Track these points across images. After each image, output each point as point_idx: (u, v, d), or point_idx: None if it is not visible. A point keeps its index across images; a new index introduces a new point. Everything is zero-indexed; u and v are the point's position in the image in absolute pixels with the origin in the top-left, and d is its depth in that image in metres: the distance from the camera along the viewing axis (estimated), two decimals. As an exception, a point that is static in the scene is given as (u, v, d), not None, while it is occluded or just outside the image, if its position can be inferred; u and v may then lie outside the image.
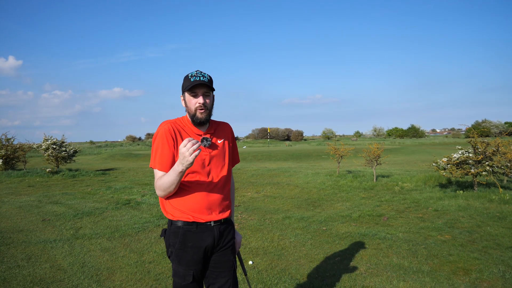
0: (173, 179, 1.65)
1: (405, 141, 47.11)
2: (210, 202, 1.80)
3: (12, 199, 8.05)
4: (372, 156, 9.23)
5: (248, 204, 7.13)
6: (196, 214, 1.77)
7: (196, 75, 1.77)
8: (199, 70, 1.81)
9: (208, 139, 1.78)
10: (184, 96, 1.82)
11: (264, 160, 20.09)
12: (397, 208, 6.33)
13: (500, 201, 6.20)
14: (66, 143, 14.21)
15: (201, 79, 1.75)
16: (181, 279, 1.79)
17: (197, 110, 1.77)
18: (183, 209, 1.77)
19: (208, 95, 1.80)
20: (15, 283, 3.34)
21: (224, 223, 1.87)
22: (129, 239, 4.72)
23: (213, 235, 1.81)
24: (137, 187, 9.58)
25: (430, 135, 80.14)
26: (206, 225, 1.79)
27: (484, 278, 3.26)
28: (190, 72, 1.80)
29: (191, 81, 1.75)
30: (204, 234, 1.79)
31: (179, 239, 1.78)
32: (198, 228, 1.78)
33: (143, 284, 3.30)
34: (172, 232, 1.80)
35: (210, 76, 1.82)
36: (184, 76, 1.82)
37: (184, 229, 1.78)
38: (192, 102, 1.78)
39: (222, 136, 1.91)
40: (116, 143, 67.87)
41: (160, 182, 1.70)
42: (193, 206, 1.77)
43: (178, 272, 1.80)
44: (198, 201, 1.77)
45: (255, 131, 77.83)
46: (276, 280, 3.32)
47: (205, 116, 1.79)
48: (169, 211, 1.81)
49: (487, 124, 57.66)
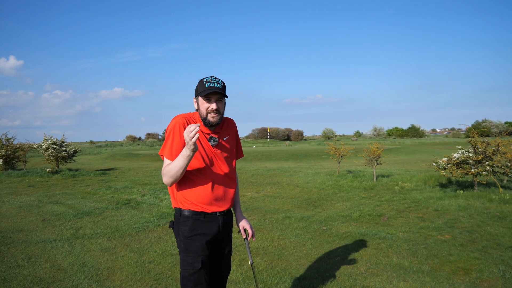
0: (181, 164, 1.74)
1: (405, 141, 47.13)
2: (217, 194, 1.93)
3: (12, 199, 8.05)
4: (372, 156, 9.23)
5: (248, 204, 7.13)
6: (204, 205, 1.90)
7: (211, 82, 1.85)
8: (213, 76, 1.89)
9: (215, 139, 1.91)
10: (198, 100, 1.90)
11: (264, 160, 20.09)
12: (397, 208, 6.33)
13: (500, 200, 6.20)
14: (66, 143, 14.22)
15: (215, 86, 1.84)
16: (189, 266, 1.86)
17: (208, 114, 1.86)
18: (192, 200, 1.89)
19: (220, 101, 1.89)
20: (15, 283, 3.34)
21: (227, 213, 2.02)
22: (129, 239, 4.72)
23: (218, 224, 1.95)
24: (137, 187, 9.58)
25: (430, 135, 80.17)
26: (212, 215, 1.93)
27: (484, 278, 3.26)
28: (205, 77, 1.88)
29: (206, 87, 1.84)
30: (210, 223, 1.93)
31: (188, 227, 1.90)
32: (205, 218, 1.91)
33: (143, 284, 3.30)
34: (182, 221, 1.92)
35: (224, 82, 1.90)
36: (199, 80, 1.90)
37: (194, 218, 1.90)
38: (204, 106, 1.86)
39: (227, 133, 2.03)
40: (116, 143, 67.91)
41: (168, 168, 1.79)
42: (201, 198, 1.89)
43: (186, 261, 1.88)
44: (206, 193, 1.90)
45: (255, 131, 77.86)
46: (276, 280, 3.33)
47: (217, 120, 1.88)
48: (179, 201, 1.93)
49: (487, 124, 57.68)
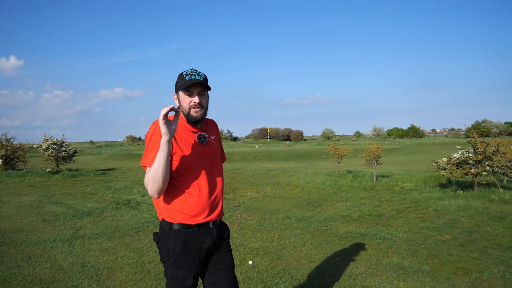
0: (158, 158, 1.61)
1: (405, 141, 47.11)
2: (209, 200, 1.78)
3: (12, 199, 8.05)
4: (372, 156, 9.23)
5: (248, 204, 7.13)
6: (196, 215, 1.74)
7: (192, 74, 1.73)
8: (194, 68, 1.77)
9: (206, 136, 1.78)
10: (178, 95, 1.77)
11: (264, 160, 20.08)
12: (397, 208, 6.33)
13: (500, 201, 6.20)
14: (66, 143, 14.22)
15: (196, 78, 1.71)
16: (180, 283, 1.74)
17: (191, 108, 1.73)
18: (183, 210, 1.73)
19: (203, 94, 1.77)
20: (15, 283, 3.34)
21: (220, 223, 1.88)
22: (129, 239, 4.72)
23: (213, 237, 1.81)
24: (137, 187, 9.58)
25: (430, 135, 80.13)
26: (205, 227, 1.78)
27: (484, 278, 3.26)
28: (185, 70, 1.76)
29: (186, 79, 1.72)
30: (204, 237, 1.78)
31: (180, 242, 1.74)
32: (199, 231, 1.77)
33: (143, 284, 3.30)
34: (172, 235, 1.75)
35: (205, 74, 1.78)
36: (179, 74, 1.78)
37: (185, 232, 1.74)
38: (186, 101, 1.74)
39: (213, 133, 1.91)
40: (116, 143, 67.98)
41: (148, 174, 1.65)
42: (193, 206, 1.74)
43: (177, 276, 1.75)
44: (198, 200, 1.74)
45: (255, 131, 77.82)
46: (276, 280, 3.32)
47: (201, 115, 1.75)
48: (169, 214, 1.76)
49: (487, 124, 57.66)
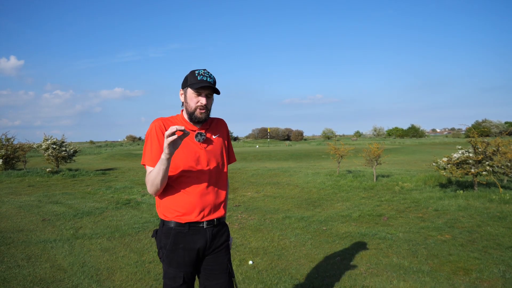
0: (157, 169, 1.63)
1: (405, 141, 47.10)
2: (204, 199, 1.76)
3: (12, 199, 8.05)
4: (372, 156, 9.23)
5: (248, 204, 7.13)
6: (189, 213, 1.73)
7: (204, 75, 1.74)
8: (206, 69, 1.78)
9: (203, 134, 1.78)
10: (186, 91, 1.77)
11: (264, 160, 20.07)
12: (397, 208, 6.33)
13: (500, 201, 6.20)
14: (66, 143, 14.22)
15: (208, 80, 1.73)
16: (171, 281, 1.76)
17: (197, 109, 1.74)
18: (176, 208, 1.74)
19: (210, 97, 1.78)
20: (15, 283, 3.34)
21: (217, 225, 1.83)
22: (129, 239, 4.72)
23: (206, 238, 1.78)
24: (137, 187, 9.58)
25: (430, 135, 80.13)
26: (198, 227, 1.76)
27: (484, 278, 3.26)
28: (198, 69, 1.76)
29: (198, 79, 1.73)
30: (196, 236, 1.76)
31: (170, 240, 1.75)
32: (190, 230, 1.75)
33: (143, 284, 3.30)
34: (164, 233, 1.77)
35: (215, 78, 1.79)
36: (190, 71, 1.78)
37: (176, 230, 1.75)
38: (193, 100, 1.75)
39: (217, 132, 1.88)
40: (116, 143, 68.02)
41: (148, 176, 1.69)
42: (186, 204, 1.73)
43: (169, 273, 1.77)
44: (191, 199, 1.73)
45: (255, 131, 77.84)
46: (276, 280, 3.32)
47: (205, 116, 1.77)
48: (162, 211, 1.78)
49: (487, 124, 57.65)
